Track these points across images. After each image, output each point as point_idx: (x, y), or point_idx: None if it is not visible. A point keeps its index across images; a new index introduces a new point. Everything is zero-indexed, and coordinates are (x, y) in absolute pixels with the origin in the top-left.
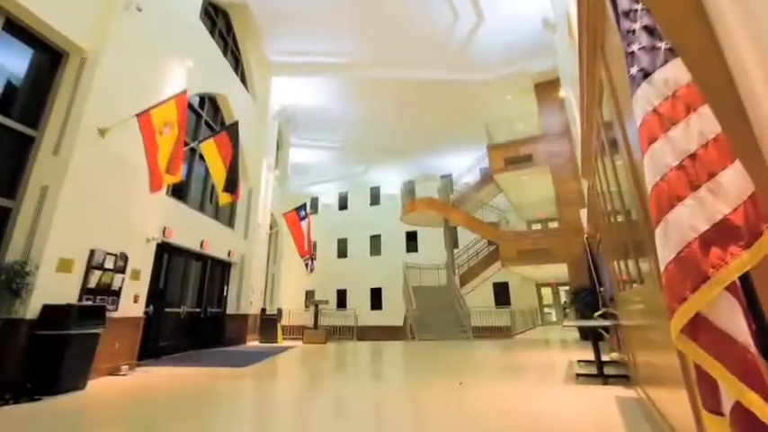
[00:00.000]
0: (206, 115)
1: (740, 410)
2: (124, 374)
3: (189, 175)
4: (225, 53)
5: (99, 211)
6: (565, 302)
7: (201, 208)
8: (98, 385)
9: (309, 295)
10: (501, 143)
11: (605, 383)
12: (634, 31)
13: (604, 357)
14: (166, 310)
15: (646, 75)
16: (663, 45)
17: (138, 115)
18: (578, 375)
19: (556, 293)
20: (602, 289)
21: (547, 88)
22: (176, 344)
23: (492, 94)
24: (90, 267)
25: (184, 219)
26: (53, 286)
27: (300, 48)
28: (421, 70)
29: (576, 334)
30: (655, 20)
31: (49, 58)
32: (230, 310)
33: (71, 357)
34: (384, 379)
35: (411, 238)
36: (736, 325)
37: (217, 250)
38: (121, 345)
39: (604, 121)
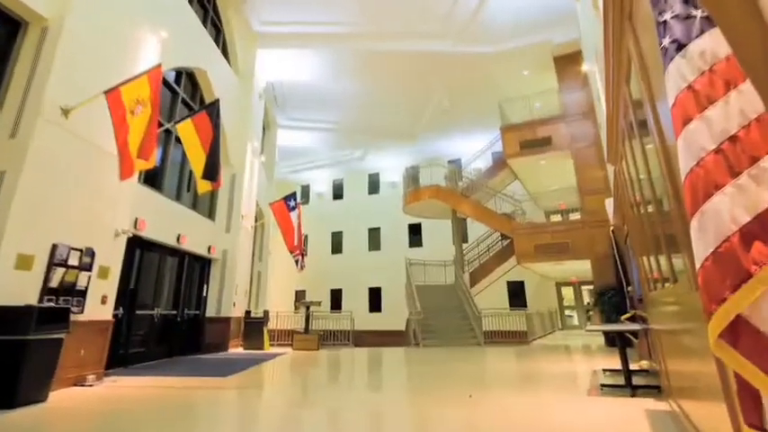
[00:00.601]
0: (183, 92)
1: None
2: (90, 385)
3: (164, 161)
4: (204, 22)
5: (62, 200)
6: (588, 304)
7: (178, 197)
8: (61, 397)
9: (300, 296)
10: (516, 124)
11: (634, 395)
12: None
13: (633, 366)
14: (138, 312)
15: (679, 47)
16: (699, 13)
17: (106, 92)
18: (603, 386)
19: (578, 294)
20: (629, 288)
21: (568, 62)
22: (149, 350)
23: (506, 69)
24: (52, 264)
25: (159, 209)
26: (11, 285)
27: (290, 16)
28: (425, 42)
29: (601, 339)
30: None
31: (6, 29)
32: (210, 312)
33: (31, 366)
34: (384, 391)
35: (414, 232)
36: None
37: (195, 245)
38: (87, 351)
39: (633, 99)
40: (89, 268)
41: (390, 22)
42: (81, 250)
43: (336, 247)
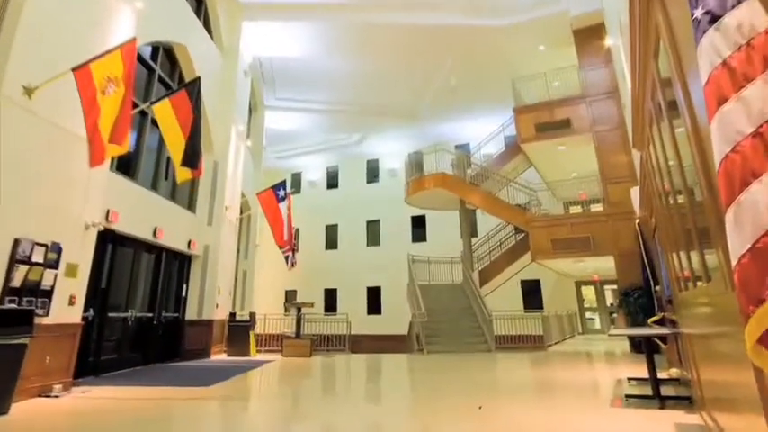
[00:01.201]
0: (160, 70)
1: None
2: (57, 396)
3: (138, 146)
4: None
5: (25, 190)
6: (611, 305)
7: (154, 187)
8: (24, 409)
9: (290, 296)
10: (531, 105)
11: (662, 407)
12: None
13: (661, 374)
14: (110, 314)
15: (713, 18)
16: None
17: (74, 69)
18: (628, 397)
19: (600, 294)
20: (657, 288)
21: (589, 36)
22: (122, 357)
23: (520, 44)
24: (14, 261)
25: (133, 200)
26: None
27: None
28: (430, 13)
29: (626, 345)
30: None
31: None
32: (190, 314)
33: None
34: (384, 402)
35: (418, 225)
36: None
37: (174, 240)
38: (54, 358)
39: (661, 77)
40: (55, 265)
41: None
42: (46, 245)
43: (331, 241)
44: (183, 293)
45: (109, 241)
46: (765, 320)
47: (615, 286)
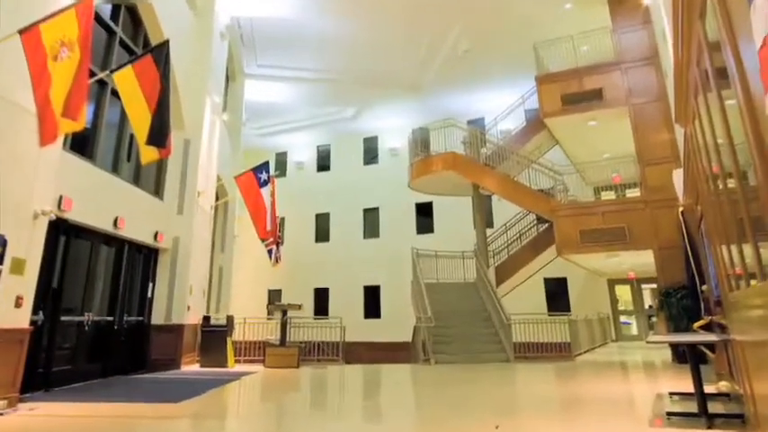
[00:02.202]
0: (122, 32)
1: None
2: (1, 413)
3: (97, 121)
4: None
5: None
6: (650, 307)
7: (115, 169)
8: None
9: (274, 297)
10: (556, 73)
11: (710, 426)
12: None
13: (708, 388)
14: (64, 318)
15: None
16: None
17: (21, 31)
18: (670, 415)
19: (637, 294)
20: (704, 288)
21: None
22: (78, 368)
23: (543, 2)
24: None
25: (90, 185)
26: None
27: None
28: None
29: (667, 353)
30: None
31: None
32: (157, 318)
33: None
34: (385, 422)
35: (423, 213)
36: None
37: (138, 231)
38: None
39: (708, 40)
40: None
41: None
42: None
43: (322, 233)
44: (149, 294)
45: (62, 233)
46: None
47: (655, 285)
